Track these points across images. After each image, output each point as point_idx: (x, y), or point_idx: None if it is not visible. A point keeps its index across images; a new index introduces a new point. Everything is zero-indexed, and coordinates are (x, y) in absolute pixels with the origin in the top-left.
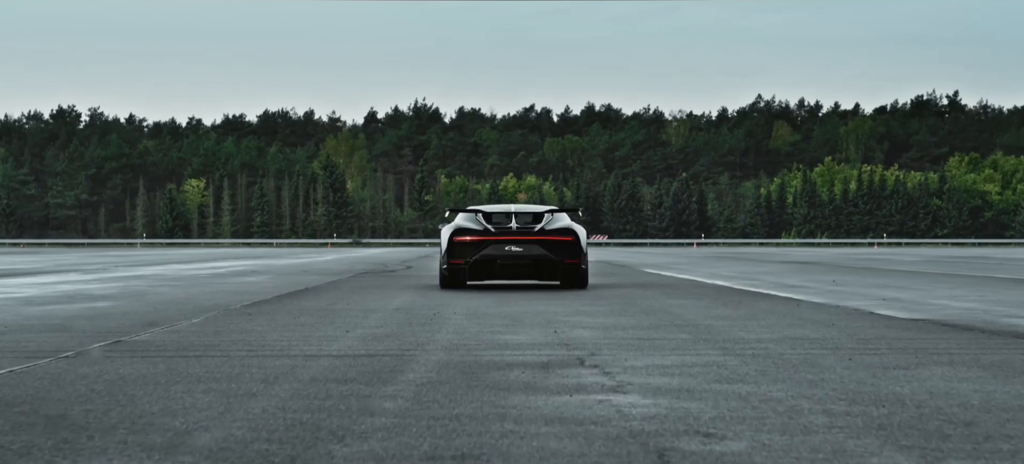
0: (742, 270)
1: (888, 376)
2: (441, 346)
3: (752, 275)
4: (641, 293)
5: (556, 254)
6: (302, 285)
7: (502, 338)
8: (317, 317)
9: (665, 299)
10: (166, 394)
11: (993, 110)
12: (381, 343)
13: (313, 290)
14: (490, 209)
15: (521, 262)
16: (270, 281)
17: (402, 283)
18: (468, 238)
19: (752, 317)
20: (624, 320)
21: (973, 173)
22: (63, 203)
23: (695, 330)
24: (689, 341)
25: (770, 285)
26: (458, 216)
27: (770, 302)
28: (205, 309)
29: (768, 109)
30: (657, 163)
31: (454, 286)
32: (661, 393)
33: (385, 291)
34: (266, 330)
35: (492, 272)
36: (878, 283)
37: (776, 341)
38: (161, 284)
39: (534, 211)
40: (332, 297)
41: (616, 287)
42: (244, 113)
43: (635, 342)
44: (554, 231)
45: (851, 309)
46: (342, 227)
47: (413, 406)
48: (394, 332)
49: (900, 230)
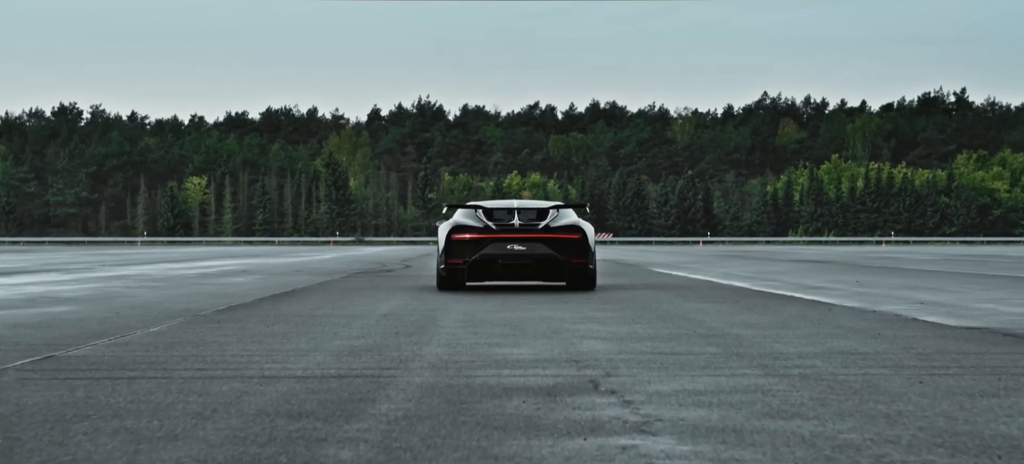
0: (756, 270)
1: (979, 407)
2: (428, 363)
3: (768, 275)
4: (654, 296)
5: (562, 253)
6: (290, 286)
7: (501, 352)
8: (293, 325)
9: (681, 303)
10: (62, 437)
11: (1001, 107)
12: (358, 359)
13: (300, 292)
14: (491, 205)
15: (524, 262)
16: (258, 282)
17: (398, 284)
18: (467, 236)
19: (783, 325)
20: (640, 329)
21: (981, 170)
22: (63, 201)
23: (723, 342)
24: (719, 356)
25: (790, 286)
26: (457, 212)
27: (798, 306)
28: (172, 315)
29: (774, 106)
30: (662, 161)
31: (452, 288)
32: (701, 434)
33: (377, 293)
34: (228, 342)
35: (493, 273)
36: (905, 284)
37: (822, 356)
38: (140, 285)
39: (538, 207)
40: (318, 300)
41: (626, 289)
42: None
43: (657, 358)
44: (560, 228)
45: (890, 315)
46: (345, 225)
47: (377, 457)
48: (376, 344)
49: (908, 228)
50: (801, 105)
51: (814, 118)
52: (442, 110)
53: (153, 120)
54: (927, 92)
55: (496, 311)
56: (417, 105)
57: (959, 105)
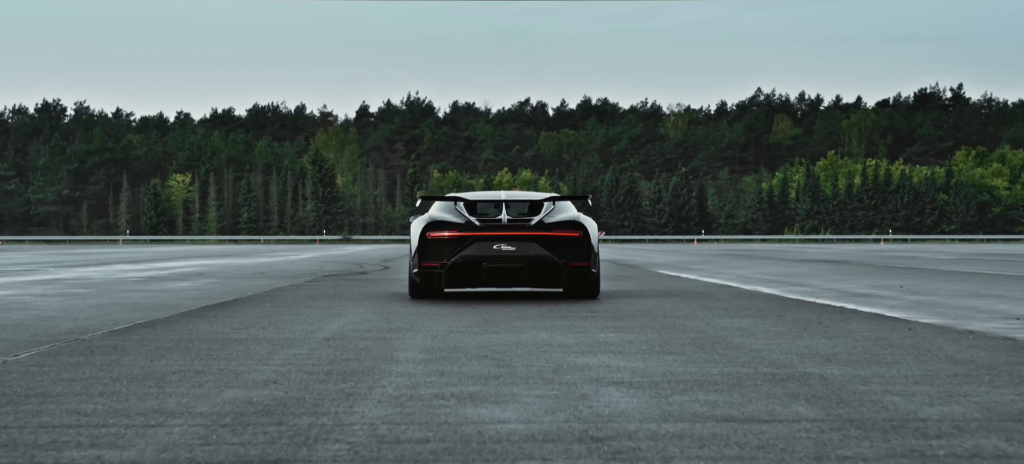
0: (773, 271)
1: None
2: (350, 446)
3: (790, 278)
4: (673, 307)
5: (559, 255)
6: (237, 294)
7: (474, 415)
8: (189, 359)
9: (712, 317)
10: None
11: (998, 103)
12: (238, 435)
13: (243, 302)
14: (475, 197)
15: (514, 265)
16: (206, 287)
17: (366, 290)
18: (446, 234)
19: (872, 357)
20: (676, 363)
21: (980, 167)
22: (44, 199)
23: (811, 391)
24: (827, 428)
25: (827, 293)
26: (433, 205)
27: (864, 324)
28: (50, 337)
29: (768, 103)
30: (655, 157)
31: (427, 296)
32: None
33: (334, 304)
34: (66, 393)
35: (476, 278)
36: (961, 290)
37: (984, 424)
38: (58, 293)
39: (531, 199)
40: (254, 315)
41: (635, 297)
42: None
43: (725, 430)
44: (556, 225)
45: (999, 338)
46: (332, 223)
47: None
48: (285, 399)
49: (906, 226)
50: (795, 101)
51: (809, 114)
52: (432, 106)
53: (138, 117)
54: (923, 88)
55: (475, 332)
56: (406, 101)
57: (956, 101)
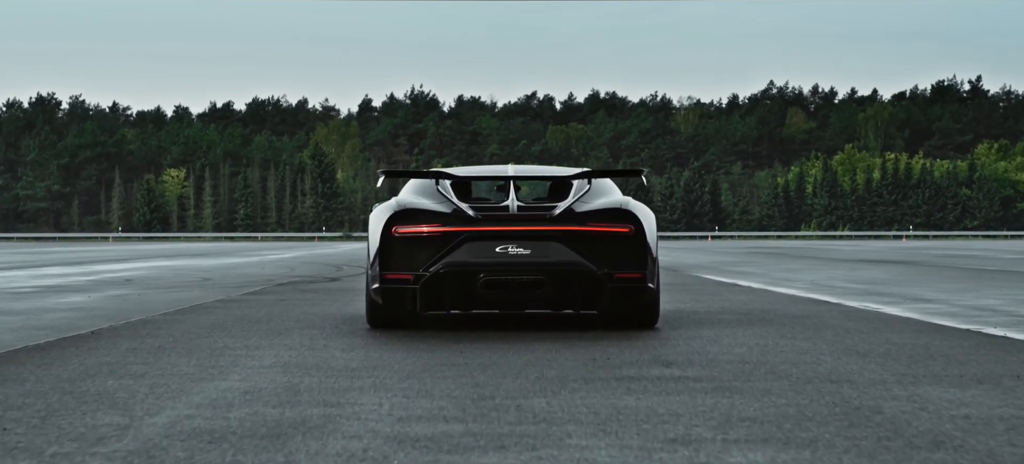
0: (843, 276)
1: None
2: None
3: (878, 286)
4: (793, 350)
5: (597, 260)
6: (127, 317)
7: None
8: None
9: (834, 359)
10: None
11: (1017, 96)
12: None
13: (101, 335)
14: (467, 173)
15: (528, 277)
16: (101, 304)
17: (311, 312)
18: (423, 230)
19: None
20: None
21: (1004, 161)
22: (34, 194)
23: None
24: None
25: (974, 313)
26: (406, 186)
27: None
28: None
29: (781, 96)
30: (666, 152)
31: (393, 324)
32: None
33: (240, 342)
34: None
35: (469, 296)
36: None
37: None
38: None
39: (554, 175)
40: (81, 367)
41: (707, 324)
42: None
43: None
44: (594, 215)
45: None
46: (332, 219)
47: None
48: None
49: (927, 222)
50: (809, 94)
51: (823, 107)
52: (436, 100)
53: (135, 112)
54: (941, 80)
55: (458, 415)
56: (410, 95)
57: (974, 94)
